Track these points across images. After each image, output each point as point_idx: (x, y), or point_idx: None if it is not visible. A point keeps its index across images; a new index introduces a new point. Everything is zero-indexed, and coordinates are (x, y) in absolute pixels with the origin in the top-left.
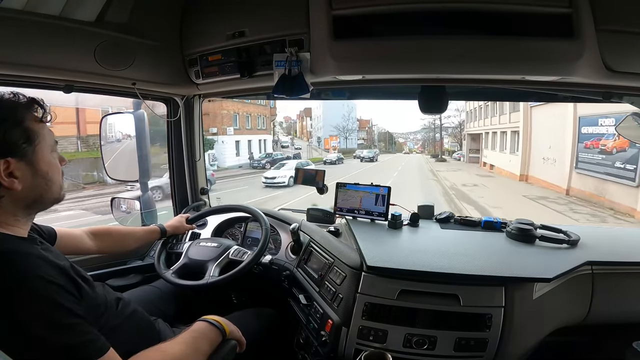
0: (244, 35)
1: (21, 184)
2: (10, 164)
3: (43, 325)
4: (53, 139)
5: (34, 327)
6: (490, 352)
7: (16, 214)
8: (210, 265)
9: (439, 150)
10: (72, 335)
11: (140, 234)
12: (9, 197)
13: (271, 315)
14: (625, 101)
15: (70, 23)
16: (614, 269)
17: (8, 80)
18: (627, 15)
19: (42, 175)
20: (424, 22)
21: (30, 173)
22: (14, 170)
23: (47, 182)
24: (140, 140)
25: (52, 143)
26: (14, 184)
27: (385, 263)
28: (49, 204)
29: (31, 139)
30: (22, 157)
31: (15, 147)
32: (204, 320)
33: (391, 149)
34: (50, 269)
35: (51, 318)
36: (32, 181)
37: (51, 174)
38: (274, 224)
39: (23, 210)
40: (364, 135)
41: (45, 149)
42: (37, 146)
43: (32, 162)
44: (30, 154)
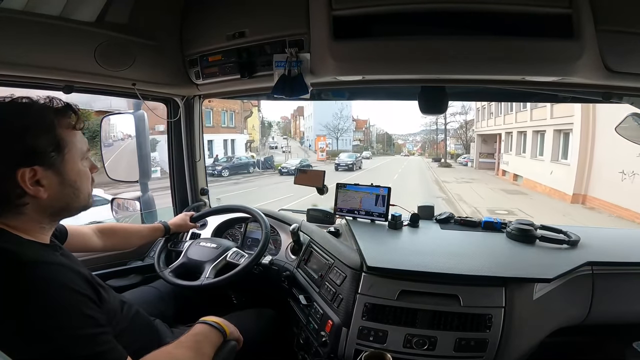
0: (244, 36)
1: (47, 192)
2: (37, 172)
3: (68, 335)
4: (85, 146)
5: (61, 337)
6: (490, 352)
7: (41, 221)
8: (207, 266)
9: (442, 153)
10: (95, 345)
11: (145, 231)
12: (34, 205)
13: (271, 315)
14: (625, 101)
15: (70, 23)
16: (614, 269)
17: (8, 81)
18: (627, 15)
19: (70, 185)
20: (424, 22)
21: (58, 182)
22: (40, 179)
23: (75, 191)
24: (140, 140)
25: (84, 151)
26: (39, 192)
27: (385, 263)
28: (75, 212)
29: (60, 147)
30: (49, 165)
31: (43, 156)
32: (204, 323)
33: (389, 150)
34: (76, 277)
35: (77, 328)
36: (59, 190)
37: (79, 183)
38: (274, 224)
39: (48, 218)
40: (360, 136)
41: (76, 157)
42: (66, 155)
43: (59, 171)
44: (58, 163)
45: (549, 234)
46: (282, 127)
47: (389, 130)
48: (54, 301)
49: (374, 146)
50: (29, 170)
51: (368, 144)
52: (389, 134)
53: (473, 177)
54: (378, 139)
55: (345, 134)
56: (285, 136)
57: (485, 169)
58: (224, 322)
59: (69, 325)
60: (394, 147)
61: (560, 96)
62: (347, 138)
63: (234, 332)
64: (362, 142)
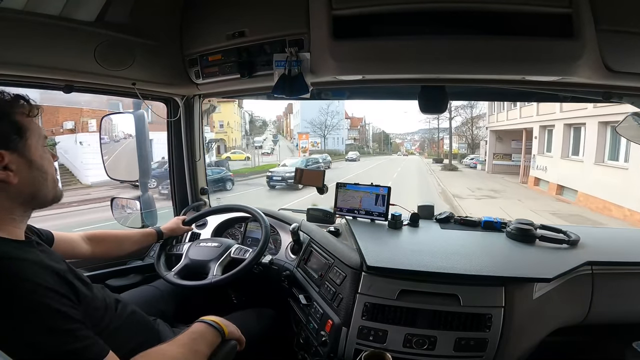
0: (244, 35)
1: (17, 177)
2: (4, 157)
3: (40, 331)
4: (43, 133)
5: (31, 333)
6: (490, 352)
7: (13, 211)
8: (212, 264)
9: (443, 152)
10: (70, 341)
11: (137, 237)
12: (5, 192)
13: (271, 315)
14: (625, 101)
15: (70, 23)
16: (614, 269)
17: (8, 80)
18: (627, 15)
19: (38, 168)
20: (423, 22)
21: (26, 166)
22: (8, 163)
23: (43, 174)
24: (140, 140)
25: (42, 137)
26: (9, 177)
27: (385, 263)
28: (46, 200)
29: (21, 132)
30: (14, 149)
31: (6, 140)
32: (202, 322)
33: (386, 149)
34: (47, 274)
35: (48, 324)
36: (28, 174)
37: (46, 167)
38: (274, 224)
39: (20, 207)
40: (355, 135)
41: (37, 142)
42: (28, 139)
43: (25, 155)
44: (22, 146)
45: (548, 234)
46: (277, 125)
47: (386, 130)
48: (23, 297)
49: (369, 145)
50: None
51: (364, 142)
52: (385, 133)
53: (494, 188)
54: (374, 138)
55: (335, 131)
56: (276, 136)
57: (501, 174)
58: (222, 322)
59: (40, 321)
60: (391, 146)
61: (561, 96)
62: (338, 136)
63: (235, 332)
64: (357, 140)
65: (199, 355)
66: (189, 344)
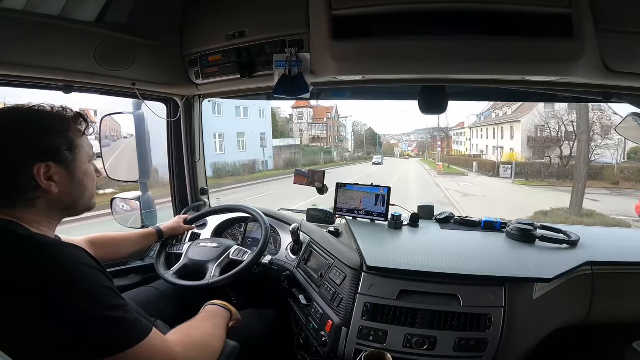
0: (244, 36)
1: (58, 187)
2: (51, 168)
3: (103, 306)
4: (92, 151)
5: (92, 307)
6: (490, 352)
7: (50, 216)
8: (211, 265)
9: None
10: (125, 312)
11: (137, 238)
12: (46, 199)
13: (271, 315)
14: (625, 101)
15: (70, 23)
16: (614, 269)
17: (8, 80)
18: (627, 15)
19: (78, 182)
20: (423, 22)
21: (68, 179)
22: (53, 175)
23: (82, 188)
24: (140, 140)
25: (91, 154)
26: (51, 187)
27: (385, 263)
28: (80, 210)
29: (72, 148)
30: (62, 163)
31: (57, 153)
32: (212, 304)
33: (376, 151)
34: (90, 258)
35: (104, 298)
36: (69, 186)
37: (86, 182)
38: (274, 224)
39: (57, 213)
40: (320, 132)
41: (84, 158)
42: (76, 155)
43: (70, 169)
44: (70, 161)
45: (548, 234)
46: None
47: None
48: (78, 276)
49: (349, 147)
50: (44, 166)
51: (332, 142)
52: (375, 132)
53: None
54: (367, 138)
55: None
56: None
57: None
58: (227, 304)
59: (95, 296)
60: (381, 147)
61: (561, 96)
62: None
63: (236, 313)
64: (318, 141)
65: (221, 328)
66: (211, 320)
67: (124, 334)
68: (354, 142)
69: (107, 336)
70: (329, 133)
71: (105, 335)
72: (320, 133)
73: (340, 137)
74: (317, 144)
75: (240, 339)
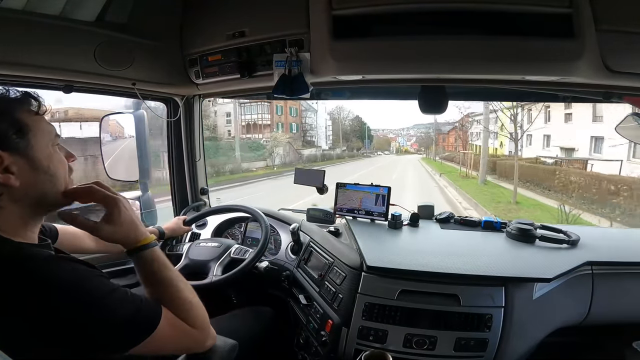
0: (244, 35)
1: (19, 179)
2: (4, 159)
3: (111, 312)
4: (53, 132)
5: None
6: (490, 352)
7: (22, 215)
8: (212, 264)
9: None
10: (134, 302)
11: None
12: (9, 195)
13: (271, 315)
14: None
15: (70, 23)
16: (614, 269)
17: (8, 80)
18: (627, 15)
19: (43, 170)
20: (424, 22)
21: (29, 168)
22: (9, 165)
23: (50, 177)
24: (140, 140)
25: (52, 137)
26: (9, 180)
27: (385, 263)
28: (56, 204)
29: (24, 132)
30: (15, 150)
31: (4, 140)
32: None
33: (366, 145)
34: (84, 266)
35: (113, 305)
36: (32, 176)
37: (54, 169)
38: (274, 224)
39: (29, 210)
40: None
41: (43, 142)
42: (32, 139)
43: (28, 156)
44: (24, 147)
45: (548, 234)
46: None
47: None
48: (77, 287)
49: (321, 141)
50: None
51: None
52: (361, 121)
53: None
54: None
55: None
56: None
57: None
58: (139, 238)
59: (107, 305)
60: (370, 141)
61: (561, 96)
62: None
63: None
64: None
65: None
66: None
67: (144, 322)
68: (333, 135)
69: (131, 332)
70: (274, 118)
71: (128, 332)
72: (258, 118)
73: (304, 125)
74: (257, 135)
75: (240, 338)
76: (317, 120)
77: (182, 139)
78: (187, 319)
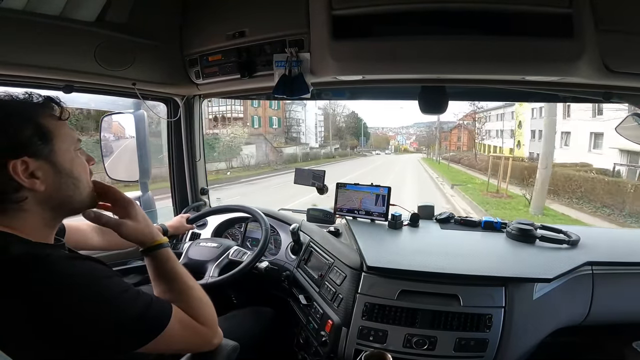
0: (244, 36)
1: (44, 184)
2: (29, 164)
3: (124, 312)
4: (75, 137)
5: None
6: (490, 352)
7: (44, 217)
8: (210, 265)
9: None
10: (145, 300)
11: None
12: (34, 199)
13: (271, 315)
14: (625, 101)
15: (70, 23)
16: (614, 269)
17: (8, 80)
18: (627, 15)
19: (67, 174)
20: (424, 22)
21: (53, 172)
22: (34, 170)
23: (74, 181)
24: (140, 140)
25: (74, 141)
26: (35, 184)
27: (385, 263)
28: (80, 207)
29: (47, 138)
30: (40, 156)
31: (29, 146)
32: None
33: (362, 143)
34: (97, 263)
35: (125, 304)
36: (56, 180)
37: (77, 173)
38: (274, 224)
39: (51, 212)
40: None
41: (66, 146)
42: (55, 145)
43: (52, 161)
44: (48, 152)
45: (549, 234)
46: None
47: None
48: (93, 286)
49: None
50: (20, 162)
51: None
52: (357, 117)
53: None
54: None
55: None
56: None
57: None
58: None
59: (119, 305)
60: (367, 138)
61: (561, 96)
62: None
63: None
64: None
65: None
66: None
67: (154, 321)
68: (325, 131)
69: (141, 330)
70: (249, 111)
71: (139, 331)
72: (228, 111)
73: (289, 120)
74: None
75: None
76: (306, 115)
77: (182, 139)
78: (197, 317)
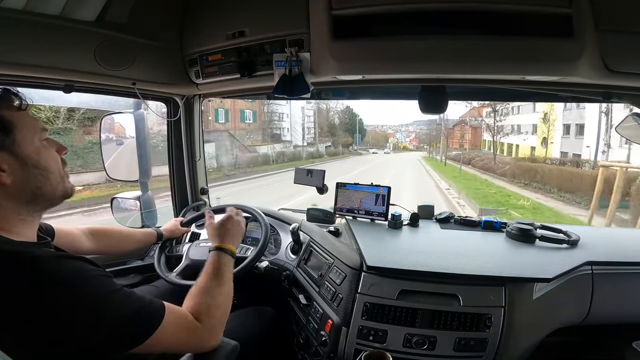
0: (244, 35)
1: (10, 177)
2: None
3: (114, 312)
4: (39, 126)
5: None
6: (490, 352)
7: (19, 212)
8: None
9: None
10: (137, 302)
11: (139, 236)
12: (3, 193)
13: (271, 315)
14: (626, 101)
15: (70, 23)
16: (614, 269)
17: (8, 80)
18: (627, 15)
19: (34, 165)
20: (424, 22)
21: (18, 164)
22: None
23: (42, 172)
24: (140, 140)
25: (38, 131)
26: (1, 178)
27: (385, 263)
28: (53, 198)
29: (7, 129)
30: (1, 148)
31: None
32: (214, 251)
33: (357, 141)
34: (83, 261)
35: (116, 304)
36: (23, 172)
37: (45, 163)
38: (274, 223)
39: (25, 206)
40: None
41: (30, 137)
42: (17, 135)
43: (14, 152)
44: (9, 143)
45: (548, 234)
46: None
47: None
48: (80, 286)
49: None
50: None
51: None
52: (352, 113)
53: None
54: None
55: None
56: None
57: None
58: (226, 244)
59: (110, 305)
60: (362, 136)
61: (561, 96)
62: None
63: (235, 248)
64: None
65: (230, 280)
66: (218, 273)
67: (147, 322)
68: (315, 128)
69: (132, 332)
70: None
71: (129, 332)
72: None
73: (269, 114)
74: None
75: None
76: (291, 110)
77: (182, 138)
78: (207, 317)
